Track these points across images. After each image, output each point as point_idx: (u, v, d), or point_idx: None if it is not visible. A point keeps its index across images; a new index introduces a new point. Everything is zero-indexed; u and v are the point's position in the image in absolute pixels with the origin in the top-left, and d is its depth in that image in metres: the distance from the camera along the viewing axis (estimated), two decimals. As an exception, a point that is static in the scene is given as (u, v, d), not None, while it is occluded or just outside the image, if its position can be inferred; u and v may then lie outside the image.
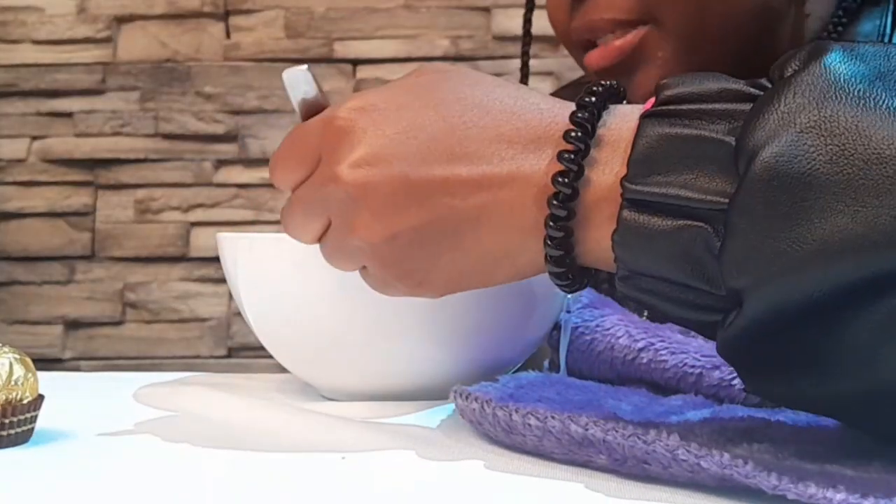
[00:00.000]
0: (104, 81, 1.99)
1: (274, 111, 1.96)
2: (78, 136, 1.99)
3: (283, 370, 0.60)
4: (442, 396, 0.52)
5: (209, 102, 1.98)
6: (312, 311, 0.53)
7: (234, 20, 1.99)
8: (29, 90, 1.99)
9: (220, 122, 1.98)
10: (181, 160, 1.98)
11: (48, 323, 1.99)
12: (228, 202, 1.98)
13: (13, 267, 1.99)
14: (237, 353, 1.97)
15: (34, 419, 0.44)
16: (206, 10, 1.99)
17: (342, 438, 0.45)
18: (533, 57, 0.81)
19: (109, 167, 1.99)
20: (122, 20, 2.00)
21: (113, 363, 1.95)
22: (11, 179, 1.99)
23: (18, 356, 0.43)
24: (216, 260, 0.58)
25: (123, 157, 1.98)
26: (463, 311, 0.52)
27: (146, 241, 1.98)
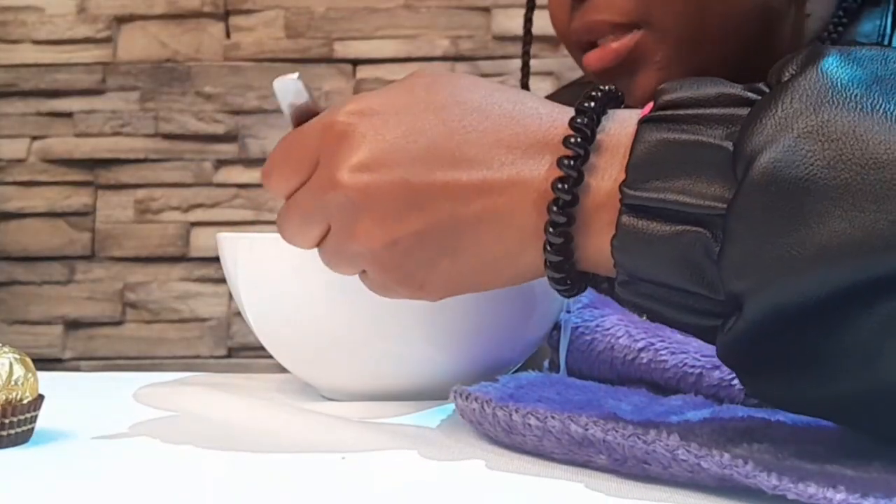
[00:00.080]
0: (104, 81, 1.99)
1: (274, 111, 1.96)
2: (78, 136, 1.99)
3: (283, 370, 0.60)
4: (442, 396, 0.52)
5: (209, 102, 1.98)
6: (312, 311, 0.53)
7: (234, 20, 1.99)
8: (29, 90, 1.99)
9: (220, 122, 1.98)
10: (181, 160, 1.98)
11: (48, 323, 1.99)
12: (228, 202, 1.98)
13: (13, 267, 1.99)
14: (237, 353, 1.97)
15: (34, 419, 0.44)
16: (206, 10, 1.99)
17: (342, 438, 0.45)
18: (533, 57, 0.81)
19: (109, 167, 1.99)
20: (122, 20, 2.00)
21: (113, 363, 1.95)
22: (11, 179, 1.99)
23: (18, 356, 0.43)
24: (216, 260, 0.58)
25: (123, 157, 1.98)
26: (463, 311, 0.52)
27: (146, 241, 1.98)
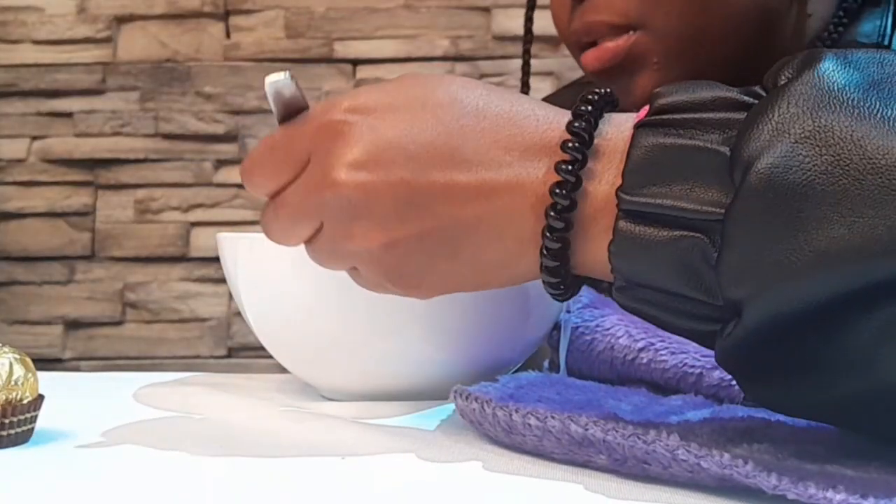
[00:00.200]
0: (104, 81, 1.99)
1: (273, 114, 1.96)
2: (78, 136, 1.98)
3: (283, 370, 0.60)
4: (442, 396, 0.52)
5: (209, 102, 1.98)
6: (312, 311, 0.53)
7: (234, 20, 1.99)
8: (29, 90, 1.99)
9: (220, 122, 1.97)
10: (181, 160, 1.98)
11: (48, 323, 1.99)
12: (228, 202, 1.98)
13: (13, 267, 1.99)
14: (237, 353, 1.97)
15: (34, 419, 0.44)
16: (206, 10, 1.99)
17: (342, 439, 0.45)
18: (533, 57, 0.81)
19: (109, 167, 1.99)
20: (122, 20, 2.00)
21: (113, 363, 1.95)
22: (11, 179, 1.99)
23: (18, 356, 0.43)
24: (216, 260, 0.58)
25: (123, 157, 1.98)
26: (463, 311, 0.52)
27: (146, 241, 1.98)
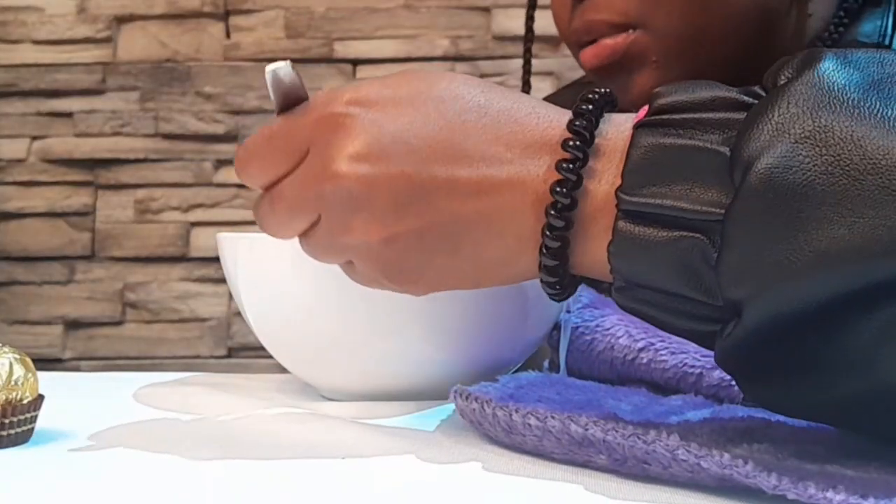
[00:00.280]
0: (104, 81, 1.99)
1: (274, 111, 1.96)
2: (78, 136, 1.98)
3: (283, 370, 0.60)
4: (442, 396, 0.52)
5: (209, 102, 1.98)
6: (312, 311, 0.53)
7: (234, 20, 1.99)
8: (29, 90, 1.99)
9: (220, 122, 1.97)
10: (181, 160, 1.98)
11: (48, 323, 1.99)
12: (228, 202, 1.98)
13: (13, 267, 1.99)
14: (237, 353, 1.97)
15: (34, 419, 0.44)
16: (206, 10, 1.99)
17: (342, 439, 0.44)
18: (533, 57, 0.81)
19: (109, 167, 1.99)
20: (122, 20, 2.00)
21: (113, 363, 1.95)
22: (11, 179, 1.99)
23: (18, 356, 0.43)
24: (216, 260, 0.58)
25: (123, 157, 1.98)
26: (463, 311, 0.52)
27: (146, 241, 1.98)
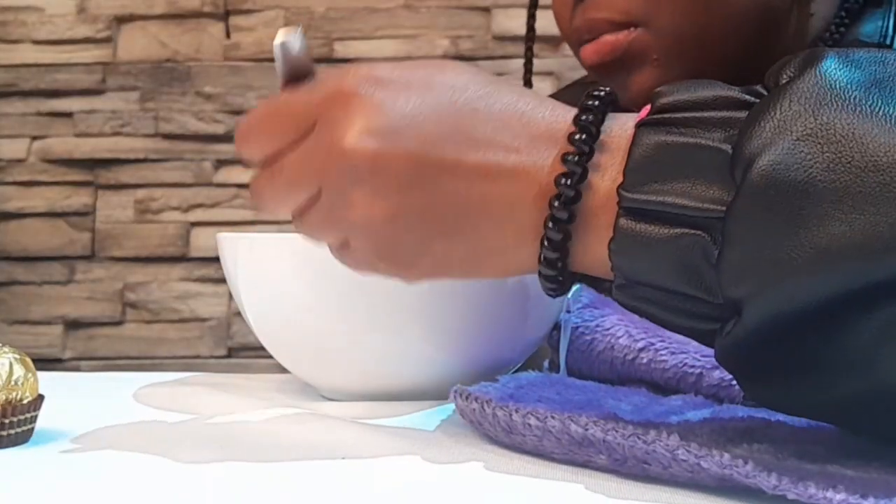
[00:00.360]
0: (104, 81, 1.99)
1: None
2: (78, 136, 1.99)
3: (283, 370, 0.60)
4: (442, 396, 0.52)
5: (209, 102, 1.98)
6: (312, 311, 0.53)
7: (234, 20, 1.99)
8: (29, 90, 1.99)
9: (220, 122, 1.97)
10: (181, 160, 1.98)
11: (48, 323, 1.99)
12: (228, 202, 1.98)
13: (13, 267, 1.99)
14: (237, 353, 1.97)
15: (34, 419, 0.44)
16: (206, 10, 1.99)
17: (342, 439, 0.44)
18: (534, 56, 0.81)
19: (109, 167, 1.99)
20: (122, 20, 2.00)
21: (113, 363, 1.95)
22: (11, 179, 1.99)
23: (18, 356, 0.43)
24: (216, 260, 0.58)
25: (123, 157, 1.98)
26: (463, 311, 0.52)
27: (146, 241, 1.98)
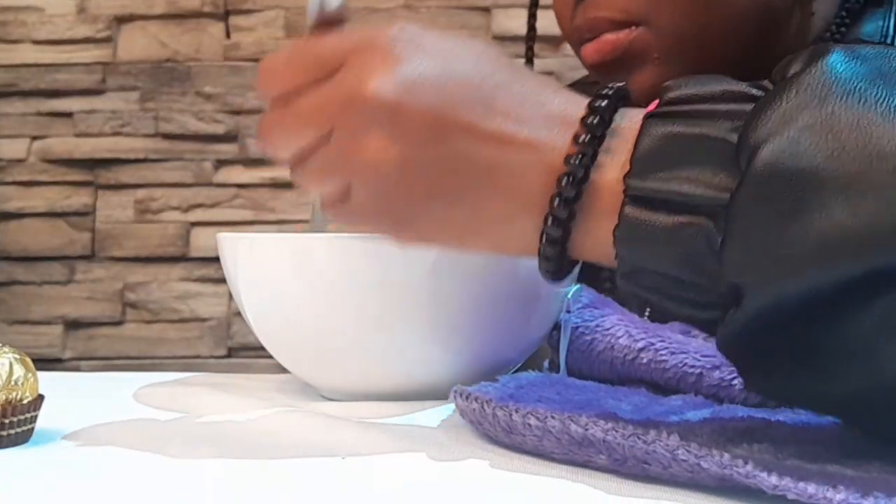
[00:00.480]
0: (104, 81, 1.99)
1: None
2: (78, 136, 1.99)
3: (283, 370, 0.60)
4: (442, 396, 0.52)
5: (209, 102, 1.98)
6: (312, 311, 0.53)
7: (234, 20, 1.99)
8: (29, 90, 1.99)
9: (220, 122, 1.98)
10: (181, 160, 1.98)
11: (48, 323, 1.99)
12: (228, 202, 1.98)
13: (13, 267, 1.99)
14: (237, 353, 1.97)
15: (34, 419, 0.44)
16: (206, 10, 1.99)
17: (342, 438, 0.44)
18: (534, 56, 0.81)
19: (109, 167, 1.99)
20: (122, 20, 2.00)
21: (113, 363, 1.95)
22: (11, 179, 1.99)
23: (18, 356, 0.43)
24: (216, 260, 0.58)
25: (123, 157, 1.98)
26: (463, 311, 0.52)
27: (146, 241, 1.98)
